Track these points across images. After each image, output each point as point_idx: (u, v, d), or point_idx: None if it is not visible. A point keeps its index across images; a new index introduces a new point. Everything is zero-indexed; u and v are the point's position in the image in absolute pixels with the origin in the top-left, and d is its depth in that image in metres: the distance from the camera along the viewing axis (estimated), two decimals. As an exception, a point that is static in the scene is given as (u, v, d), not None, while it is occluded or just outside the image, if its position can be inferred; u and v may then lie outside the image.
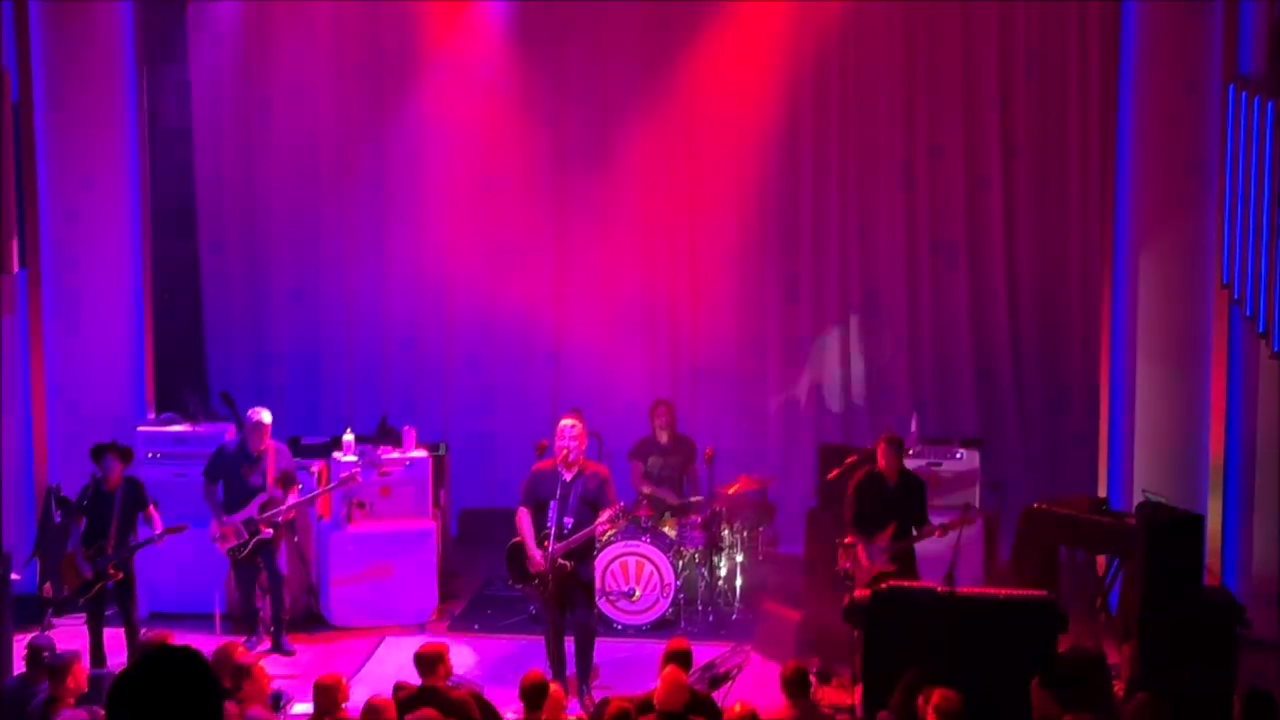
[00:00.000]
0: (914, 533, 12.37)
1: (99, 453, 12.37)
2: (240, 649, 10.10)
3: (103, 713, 8.98)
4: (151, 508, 12.46)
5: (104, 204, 14.73)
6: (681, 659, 9.89)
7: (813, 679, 10.07)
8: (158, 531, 12.39)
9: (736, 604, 13.89)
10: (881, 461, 12.47)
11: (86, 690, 9.83)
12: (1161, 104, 13.43)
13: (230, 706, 8.97)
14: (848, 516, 12.53)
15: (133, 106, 14.83)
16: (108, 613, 12.40)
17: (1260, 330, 11.82)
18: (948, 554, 11.71)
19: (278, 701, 10.79)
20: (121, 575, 12.21)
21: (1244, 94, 12.20)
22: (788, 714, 9.53)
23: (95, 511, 12.23)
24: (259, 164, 16.02)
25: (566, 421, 11.93)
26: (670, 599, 13.38)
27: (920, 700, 8.72)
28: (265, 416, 13.07)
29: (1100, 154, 14.63)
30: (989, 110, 15.44)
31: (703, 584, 13.83)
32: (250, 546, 12.90)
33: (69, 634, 12.29)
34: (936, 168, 15.59)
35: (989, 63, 15.39)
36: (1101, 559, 13.25)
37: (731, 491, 14.05)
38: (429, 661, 9.71)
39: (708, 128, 15.75)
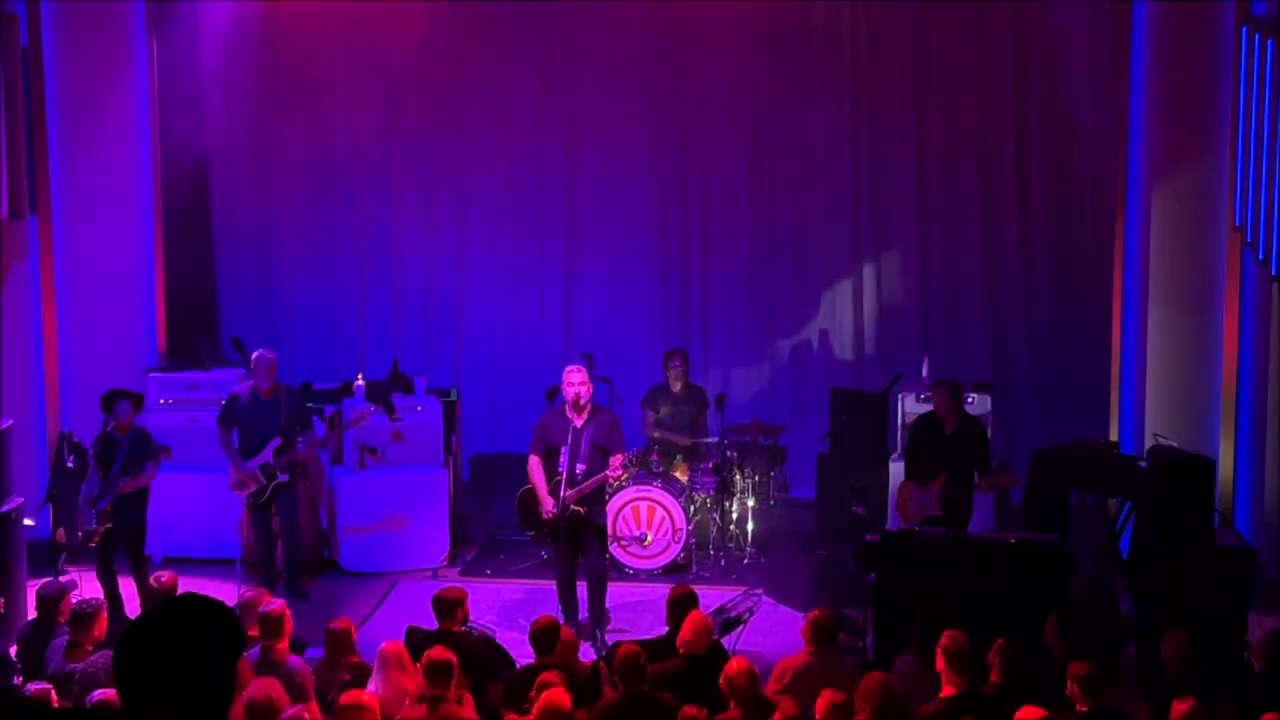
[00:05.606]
0: (975, 479, 12.38)
1: (109, 401, 12.32)
2: (264, 598, 10.10)
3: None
4: (149, 463, 12.37)
5: (114, 149, 14.68)
6: (689, 604, 9.89)
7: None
8: (144, 480, 12.31)
9: (748, 548, 13.91)
10: (938, 408, 12.52)
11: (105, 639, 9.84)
12: (1176, 45, 13.35)
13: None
14: (905, 461, 12.70)
15: (142, 49, 14.76)
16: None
17: (1274, 274, 11.79)
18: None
19: (300, 647, 10.80)
20: (111, 524, 12.08)
21: (1256, 35, 12.13)
22: (806, 660, 9.51)
23: (104, 459, 12.21)
24: (269, 105, 15.95)
25: (570, 368, 11.98)
26: (682, 544, 13.41)
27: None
28: (271, 354, 13.08)
29: (1114, 94, 14.55)
30: (1002, 50, 15.35)
31: (714, 529, 13.85)
32: (268, 492, 12.93)
33: (85, 582, 12.33)
34: (949, 108, 15.51)
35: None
36: (1113, 502, 13.26)
37: (742, 436, 14.06)
38: (447, 605, 9.71)
39: (718, 73, 15.65)
